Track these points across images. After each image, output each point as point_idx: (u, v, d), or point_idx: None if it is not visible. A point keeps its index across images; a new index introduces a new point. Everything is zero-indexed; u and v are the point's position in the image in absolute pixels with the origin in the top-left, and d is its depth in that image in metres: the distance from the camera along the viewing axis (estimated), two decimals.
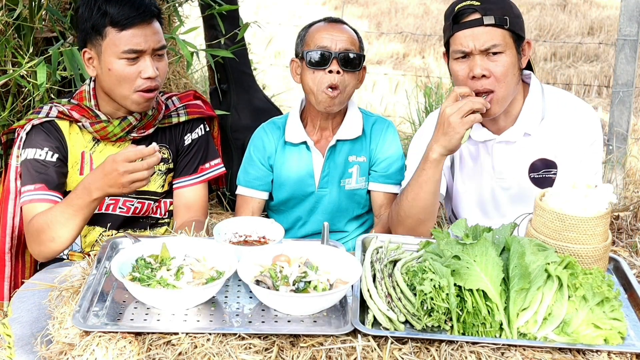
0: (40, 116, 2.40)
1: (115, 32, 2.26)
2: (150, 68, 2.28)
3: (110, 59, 2.28)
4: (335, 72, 2.44)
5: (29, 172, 2.34)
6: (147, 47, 2.28)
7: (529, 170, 2.41)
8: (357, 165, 2.60)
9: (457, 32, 2.27)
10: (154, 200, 2.53)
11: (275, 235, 2.10)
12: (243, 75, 4.28)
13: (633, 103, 4.13)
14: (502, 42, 2.24)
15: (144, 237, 2.16)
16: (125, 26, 2.25)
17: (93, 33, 2.30)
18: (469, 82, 2.27)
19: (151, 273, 1.86)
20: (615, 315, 1.70)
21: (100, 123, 2.38)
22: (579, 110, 2.38)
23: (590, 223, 1.83)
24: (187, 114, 2.55)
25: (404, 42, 8.01)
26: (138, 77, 2.29)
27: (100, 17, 2.26)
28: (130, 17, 2.25)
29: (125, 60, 2.27)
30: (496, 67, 2.24)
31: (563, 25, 8.36)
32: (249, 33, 3.99)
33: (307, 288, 1.81)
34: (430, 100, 4.74)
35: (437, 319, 1.69)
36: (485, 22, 2.23)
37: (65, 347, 1.71)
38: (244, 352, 1.63)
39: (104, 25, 2.26)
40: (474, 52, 2.24)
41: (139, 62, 2.29)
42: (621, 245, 3.65)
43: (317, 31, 2.52)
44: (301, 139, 2.58)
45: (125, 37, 2.26)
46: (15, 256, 2.48)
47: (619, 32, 3.96)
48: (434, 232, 1.93)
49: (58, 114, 2.40)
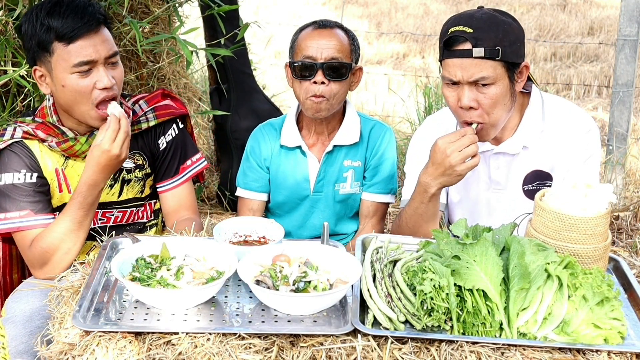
0: (5, 138, 2.29)
1: (62, 46, 2.17)
2: (105, 77, 2.20)
3: (62, 75, 2.19)
4: (319, 82, 2.41)
5: (10, 199, 2.25)
6: (98, 57, 2.19)
7: (523, 182, 2.37)
8: (352, 170, 2.58)
9: (447, 59, 2.19)
10: (136, 206, 2.51)
11: (275, 235, 2.10)
12: (243, 75, 4.28)
13: (633, 103, 4.14)
14: (492, 74, 2.14)
15: (144, 237, 2.16)
16: (72, 39, 2.16)
17: (40, 50, 2.21)
18: (458, 110, 2.22)
19: (151, 273, 1.86)
20: (615, 315, 1.70)
21: (67, 142, 2.30)
22: (578, 124, 2.32)
23: (590, 223, 1.83)
24: (156, 117, 2.48)
25: (404, 42, 8.01)
26: (94, 88, 2.20)
27: (45, 33, 2.17)
28: (75, 28, 2.15)
29: (77, 74, 2.18)
30: (485, 99, 2.17)
31: (563, 25, 8.37)
32: (249, 33, 3.99)
33: (307, 288, 1.81)
34: (430, 100, 4.74)
35: (437, 319, 1.69)
36: (474, 55, 2.12)
37: (65, 347, 1.71)
38: (244, 352, 1.63)
39: (50, 41, 2.17)
40: (462, 82, 2.17)
41: (92, 74, 2.20)
42: (621, 245, 3.65)
43: (304, 39, 2.47)
44: (296, 143, 2.56)
45: (74, 50, 2.17)
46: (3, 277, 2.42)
47: (619, 32, 3.96)
48: (434, 232, 1.93)
49: (23, 134, 2.30)
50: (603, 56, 7.41)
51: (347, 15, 8.52)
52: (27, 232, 2.24)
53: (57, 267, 2.20)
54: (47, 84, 2.27)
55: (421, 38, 7.92)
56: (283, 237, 2.09)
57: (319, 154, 2.57)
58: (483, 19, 2.16)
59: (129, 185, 2.46)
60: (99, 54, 2.20)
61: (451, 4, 9.51)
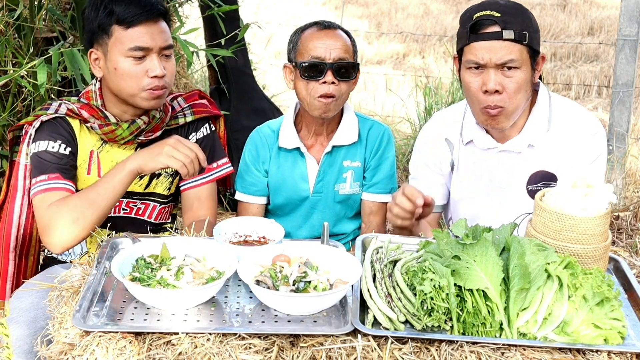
0: (49, 112, 2.38)
1: (121, 30, 2.26)
2: (158, 67, 2.27)
3: (117, 58, 2.27)
4: (330, 82, 2.41)
5: (41, 164, 2.31)
6: (153, 45, 2.27)
7: (528, 182, 2.37)
8: (352, 170, 2.58)
9: (474, 42, 2.20)
10: (159, 202, 2.53)
11: (275, 235, 2.10)
12: (243, 75, 4.29)
13: (633, 103, 4.14)
14: (519, 57, 2.18)
15: (144, 237, 2.16)
16: (132, 24, 2.25)
17: (99, 32, 2.29)
18: (480, 95, 2.22)
19: (151, 273, 1.86)
20: (615, 315, 1.70)
21: (109, 125, 2.36)
22: (585, 124, 2.33)
23: (590, 223, 1.83)
24: (194, 114, 2.54)
25: (404, 42, 8.01)
26: (145, 75, 2.28)
27: (107, 16, 2.26)
28: (136, 14, 2.24)
29: (131, 58, 2.26)
30: (510, 83, 2.19)
31: (563, 25, 8.37)
32: (249, 33, 4.00)
33: (307, 288, 1.81)
34: (430, 100, 4.74)
35: (437, 319, 1.69)
36: (504, 37, 2.16)
37: (65, 347, 1.71)
38: (244, 352, 1.63)
39: (110, 23, 2.26)
40: (489, 65, 2.18)
41: (146, 61, 2.27)
42: (621, 245, 3.65)
43: (311, 39, 2.46)
44: (294, 145, 2.55)
45: (132, 35, 2.25)
46: (19, 256, 2.46)
47: (619, 32, 3.97)
48: (434, 232, 1.93)
49: (67, 111, 2.37)
50: (603, 56, 7.41)
51: (347, 15, 8.52)
52: (51, 193, 2.26)
53: (64, 237, 2.20)
54: (100, 67, 2.34)
55: (421, 38, 7.93)
56: (283, 237, 2.09)
57: (317, 155, 2.57)
58: (508, 5, 2.23)
59: (159, 180, 2.49)
60: (155, 42, 2.27)
61: (451, 4, 9.52)
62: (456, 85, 4.71)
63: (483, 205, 2.44)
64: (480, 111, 2.26)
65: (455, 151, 2.46)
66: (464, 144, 2.44)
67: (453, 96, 4.66)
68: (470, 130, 2.41)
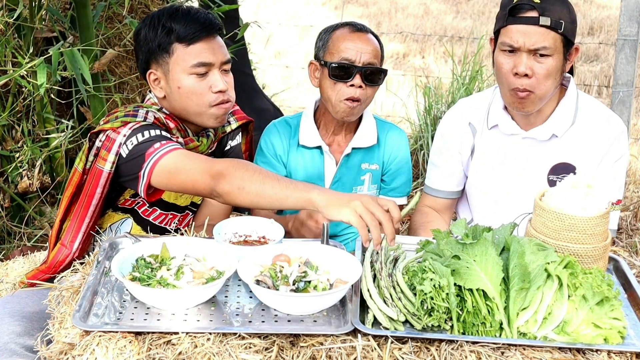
0: (138, 119, 2.24)
1: (182, 47, 2.24)
2: (220, 81, 2.26)
3: (179, 76, 2.25)
4: (357, 86, 2.41)
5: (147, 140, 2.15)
6: (215, 60, 2.26)
7: (549, 172, 2.41)
8: (370, 173, 2.58)
9: (511, 25, 2.26)
10: (180, 213, 2.48)
11: (275, 235, 2.10)
12: (243, 75, 4.29)
13: (633, 103, 4.14)
14: (552, 45, 2.23)
15: (144, 237, 2.16)
16: (192, 40, 2.24)
17: (159, 51, 2.26)
18: (510, 76, 2.28)
19: (151, 273, 1.86)
20: (615, 314, 1.70)
21: (193, 142, 2.33)
22: (611, 123, 2.39)
23: (590, 223, 1.83)
24: (237, 120, 2.54)
25: (404, 42, 8.01)
26: (209, 91, 2.26)
27: (166, 35, 2.25)
28: (197, 31, 2.24)
29: (194, 75, 2.24)
30: (541, 68, 2.25)
31: None
32: (248, 33, 4.00)
33: (307, 288, 1.81)
34: (430, 100, 4.74)
35: (437, 319, 1.69)
36: (540, 22, 2.21)
37: (65, 347, 1.71)
38: (244, 352, 1.63)
39: (171, 42, 2.24)
40: (522, 49, 2.24)
41: (208, 77, 2.26)
42: (621, 245, 3.65)
43: (342, 40, 2.45)
44: (316, 143, 2.55)
45: (194, 52, 2.24)
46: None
47: (619, 32, 3.96)
48: (433, 231, 1.93)
49: (154, 120, 2.27)
50: (603, 56, 7.41)
51: (347, 15, 8.52)
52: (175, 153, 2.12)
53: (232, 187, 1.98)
54: (162, 87, 2.31)
55: (421, 38, 7.93)
56: (283, 237, 2.09)
57: (336, 154, 2.57)
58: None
59: None
60: (216, 57, 2.27)
61: (451, 4, 9.52)
62: (456, 85, 4.70)
63: (503, 192, 2.48)
64: (509, 92, 2.32)
65: (477, 136, 2.51)
66: (489, 128, 2.48)
67: (453, 96, 4.65)
68: (496, 115, 2.46)
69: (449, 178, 2.59)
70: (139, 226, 2.41)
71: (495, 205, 2.49)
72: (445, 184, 2.60)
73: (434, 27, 8.37)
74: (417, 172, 4.44)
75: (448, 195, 2.61)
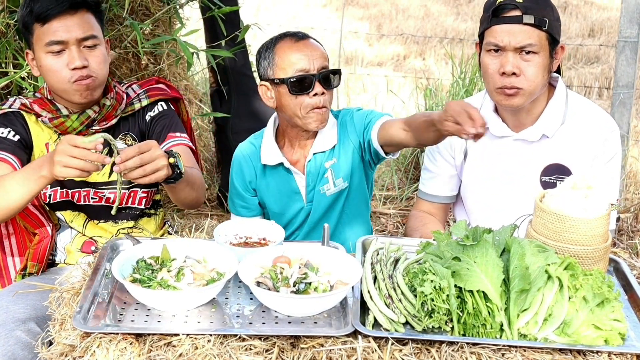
0: (4, 107, 2.40)
1: (39, 26, 2.26)
2: (76, 59, 2.25)
3: (39, 55, 2.29)
4: (320, 93, 2.35)
5: None
6: (68, 38, 2.25)
7: (542, 173, 2.41)
8: (330, 169, 2.48)
9: (495, 25, 2.28)
10: (127, 189, 2.48)
11: (275, 237, 2.11)
12: (244, 77, 4.28)
13: (633, 105, 4.13)
14: (537, 42, 2.26)
15: (144, 239, 2.16)
16: (46, 19, 2.24)
17: (25, 32, 2.32)
18: (497, 77, 2.29)
19: (152, 274, 1.86)
20: (615, 316, 1.70)
21: (59, 118, 2.36)
22: (602, 122, 2.38)
23: (591, 224, 1.83)
24: (149, 98, 2.52)
25: (404, 44, 8.01)
26: (65, 68, 2.27)
27: (28, 15, 2.28)
28: (49, 9, 2.23)
29: (50, 54, 2.26)
30: (527, 67, 2.26)
31: (563, 26, 8.32)
32: (249, 35, 4.00)
33: (308, 289, 1.81)
34: (431, 102, 4.74)
35: (438, 320, 1.69)
36: (524, 21, 2.24)
37: (66, 349, 1.71)
38: (244, 354, 1.63)
39: (31, 22, 2.27)
40: (508, 48, 2.26)
41: (65, 54, 2.27)
42: (621, 246, 3.65)
43: (289, 52, 2.37)
44: (277, 161, 2.48)
45: (48, 30, 2.25)
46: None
47: (620, 34, 3.96)
48: (434, 233, 1.93)
49: (21, 105, 2.40)
50: (603, 58, 7.41)
51: (347, 16, 8.52)
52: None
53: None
54: (36, 67, 2.36)
55: (422, 40, 7.93)
56: (283, 239, 2.09)
57: (302, 167, 2.50)
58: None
59: None
60: (70, 34, 2.26)
61: (451, 5, 9.51)
62: (456, 86, 4.71)
63: (496, 194, 2.48)
64: (496, 91, 2.33)
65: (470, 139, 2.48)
66: None
67: (454, 98, 4.66)
68: (487, 118, 2.44)
69: (443, 183, 2.58)
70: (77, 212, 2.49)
71: (490, 207, 2.49)
72: (439, 189, 2.59)
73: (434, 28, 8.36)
74: (417, 173, 4.44)
75: (442, 200, 2.61)
